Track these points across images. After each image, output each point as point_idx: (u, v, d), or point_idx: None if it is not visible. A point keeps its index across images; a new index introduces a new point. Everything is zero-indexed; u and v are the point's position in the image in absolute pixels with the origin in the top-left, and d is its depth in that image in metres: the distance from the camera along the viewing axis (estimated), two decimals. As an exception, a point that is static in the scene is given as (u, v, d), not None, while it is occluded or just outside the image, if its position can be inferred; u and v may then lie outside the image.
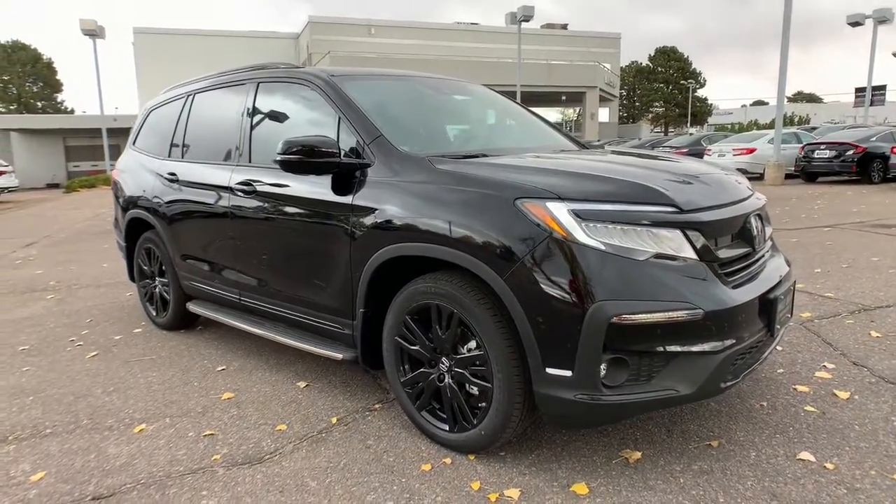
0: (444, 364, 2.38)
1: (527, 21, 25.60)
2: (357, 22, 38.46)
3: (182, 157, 3.82)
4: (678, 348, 2.04)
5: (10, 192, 19.89)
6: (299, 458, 2.43)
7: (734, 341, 2.11)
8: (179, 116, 3.94)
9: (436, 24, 41.56)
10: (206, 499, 2.16)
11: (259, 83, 3.34)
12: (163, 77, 38.31)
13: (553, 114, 52.78)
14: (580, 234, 2.01)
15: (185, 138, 3.85)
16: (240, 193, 3.19)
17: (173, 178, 3.78)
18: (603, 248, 2.00)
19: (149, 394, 3.12)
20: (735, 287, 2.18)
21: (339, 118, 2.79)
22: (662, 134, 55.79)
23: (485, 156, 2.65)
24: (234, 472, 2.33)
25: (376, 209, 2.50)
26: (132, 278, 4.50)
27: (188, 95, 3.93)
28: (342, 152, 2.66)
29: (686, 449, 2.38)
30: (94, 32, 22.54)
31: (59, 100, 46.42)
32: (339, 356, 2.75)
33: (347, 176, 2.64)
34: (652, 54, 61.01)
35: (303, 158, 2.55)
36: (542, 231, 2.04)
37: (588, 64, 37.89)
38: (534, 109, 3.85)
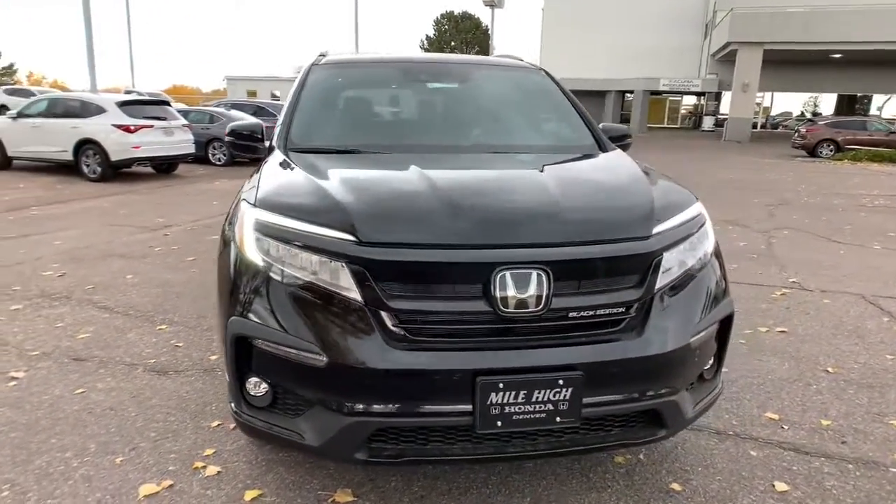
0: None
1: None
2: (771, -27, 32.77)
3: None
4: (307, 393, 1.87)
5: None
6: (179, 382, 3.03)
7: (377, 408, 1.76)
8: None
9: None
10: (101, 383, 3.00)
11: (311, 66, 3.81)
12: (565, 41, 40.77)
13: None
14: (249, 245, 1.97)
15: None
16: None
17: None
18: (261, 265, 1.92)
19: (205, 308, 4.14)
20: (413, 349, 1.76)
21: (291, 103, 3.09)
22: None
23: (355, 151, 2.63)
24: (137, 374, 3.10)
25: None
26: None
27: None
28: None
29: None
30: (493, 3, 25.88)
31: (490, 62, 54.77)
32: None
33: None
34: None
35: (235, 141, 2.99)
36: (232, 235, 2.07)
37: None
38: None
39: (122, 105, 10.31)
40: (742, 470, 2.38)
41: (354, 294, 1.79)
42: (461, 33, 51.69)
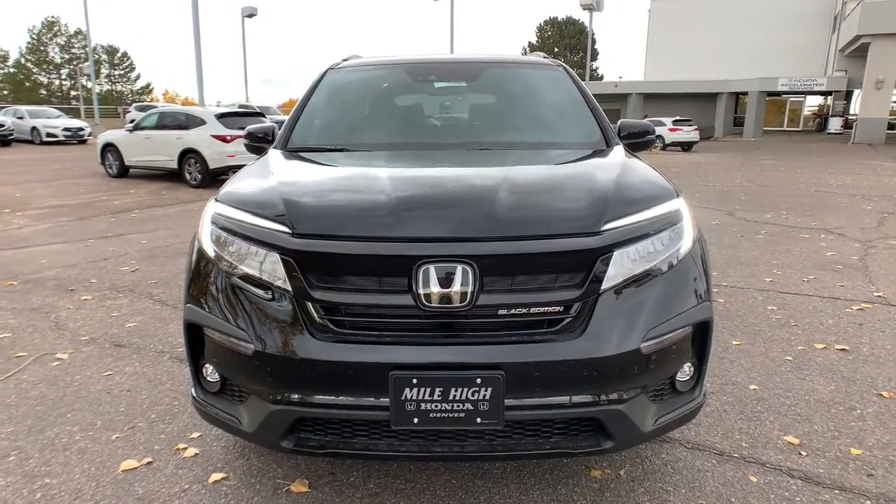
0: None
1: None
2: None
3: None
4: (240, 380, 1.92)
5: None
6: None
7: (298, 398, 1.78)
8: None
9: None
10: (129, 367, 3.26)
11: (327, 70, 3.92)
12: (672, 43, 38.88)
13: None
14: (205, 236, 2.07)
15: None
16: None
17: None
18: (212, 255, 2.01)
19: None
20: (335, 341, 1.76)
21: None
22: None
23: (342, 150, 2.70)
24: (162, 361, 3.33)
25: None
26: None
27: None
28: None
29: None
30: (590, 6, 25.26)
31: (593, 67, 53.48)
32: None
33: None
34: None
35: (250, 143, 3.15)
36: (198, 227, 2.18)
37: None
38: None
39: (221, 117, 11.19)
40: (733, 496, 2.13)
41: (286, 285, 1.81)
42: (565, 39, 50.94)
